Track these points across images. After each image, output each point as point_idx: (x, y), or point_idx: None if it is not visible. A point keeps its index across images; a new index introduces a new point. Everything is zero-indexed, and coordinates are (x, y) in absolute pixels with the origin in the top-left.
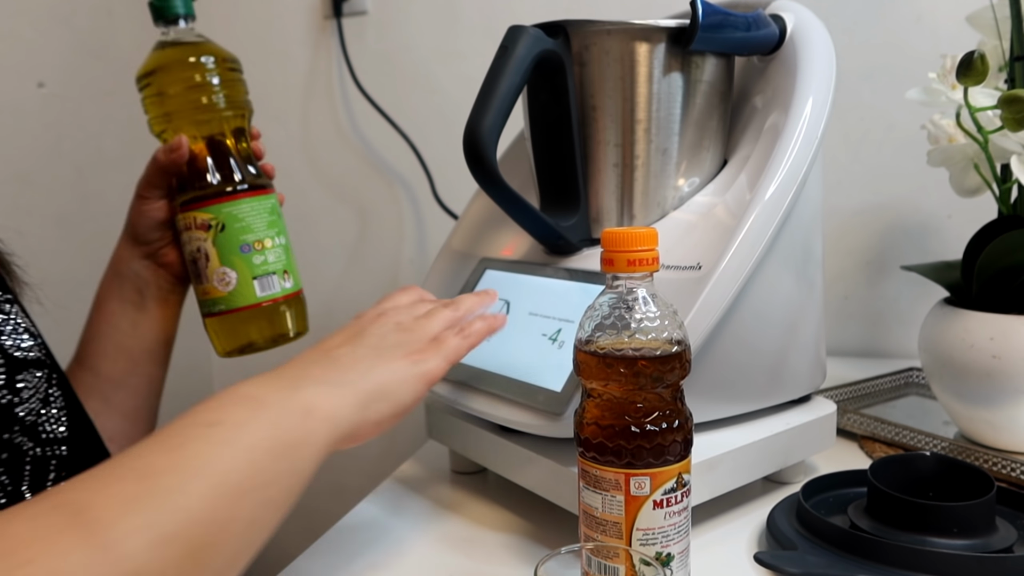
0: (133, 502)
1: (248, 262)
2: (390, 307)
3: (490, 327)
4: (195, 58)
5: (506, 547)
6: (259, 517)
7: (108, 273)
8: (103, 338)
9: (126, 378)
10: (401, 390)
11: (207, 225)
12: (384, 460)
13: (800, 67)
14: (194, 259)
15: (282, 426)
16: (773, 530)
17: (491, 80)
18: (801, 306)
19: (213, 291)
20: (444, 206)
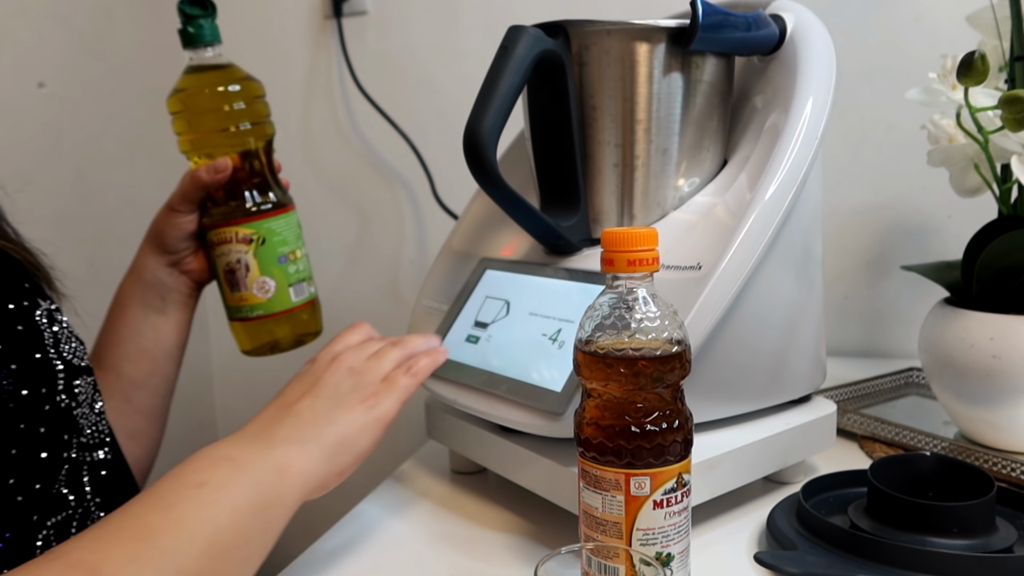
0: (137, 561)
1: (284, 272)
2: (341, 349)
3: (434, 363)
4: (228, 83)
5: (506, 547)
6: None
7: (130, 280)
8: (125, 342)
9: (147, 379)
10: (361, 437)
11: (249, 239)
12: (384, 460)
13: (800, 67)
14: (232, 269)
15: (260, 486)
16: (773, 530)
17: (491, 80)
18: (801, 306)
19: (252, 298)
20: (444, 206)
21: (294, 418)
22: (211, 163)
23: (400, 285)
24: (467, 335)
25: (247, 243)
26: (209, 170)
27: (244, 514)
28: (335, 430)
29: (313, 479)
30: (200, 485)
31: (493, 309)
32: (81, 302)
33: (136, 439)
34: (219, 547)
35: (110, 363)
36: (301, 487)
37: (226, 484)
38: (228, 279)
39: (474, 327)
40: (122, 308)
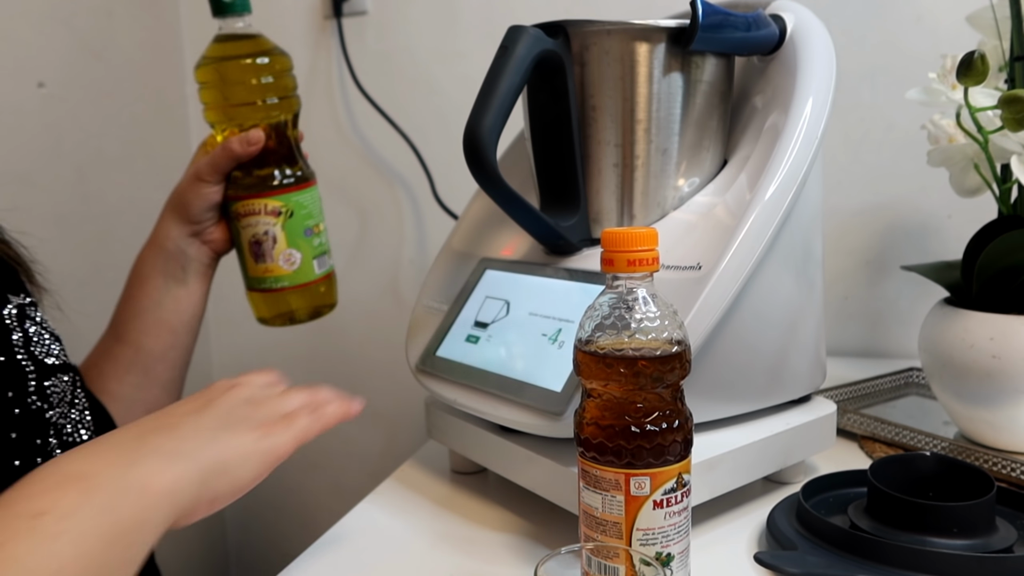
0: None
1: (310, 244)
2: (244, 382)
3: (345, 413)
4: (261, 51)
5: (506, 547)
6: None
7: (151, 250)
8: (146, 314)
9: (167, 351)
10: (243, 466)
11: (278, 212)
12: (384, 460)
13: (800, 67)
14: (259, 241)
15: (116, 510)
16: (773, 530)
17: (491, 80)
18: (801, 306)
19: (277, 270)
20: (444, 206)
21: (171, 431)
22: (244, 135)
23: (400, 285)
24: (467, 335)
25: (275, 215)
26: (242, 141)
27: (96, 545)
28: (215, 450)
29: (182, 500)
30: (39, 515)
31: (493, 309)
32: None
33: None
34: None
35: (129, 337)
36: (168, 508)
37: (72, 512)
38: (253, 250)
39: (474, 327)
40: (142, 280)
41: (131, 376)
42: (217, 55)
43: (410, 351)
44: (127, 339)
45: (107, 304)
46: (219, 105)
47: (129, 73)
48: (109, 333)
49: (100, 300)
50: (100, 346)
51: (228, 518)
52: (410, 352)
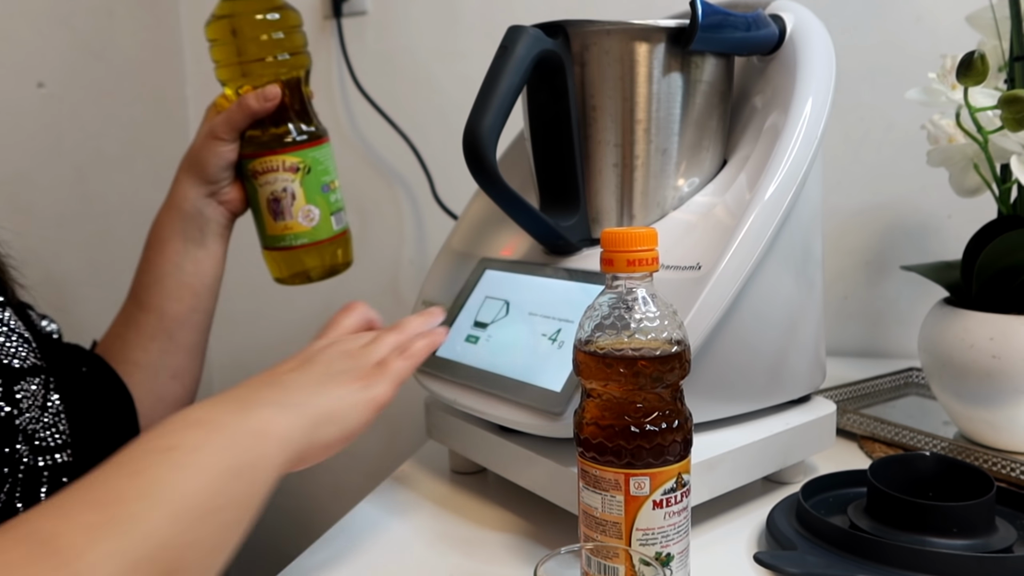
0: (99, 530)
1: (327, 200)
2: (338, 336)
3: (432, 344)
4: (270, 7)
5: (506, 547)
6: (218, 540)
7: (169, 214)
8: (167, 278)
9: (190, 315)
10: (350, 415)
11: (296, 168)
12: (384, 460)
13: (800, 67)
14: (277, 198)
15: (236, 448)
16: (773, 530)
17: (491, 80)
18: (801, 306)
19: (297, 226)
20: (444, 206)
21: (280, 385)
22: (260, 90)
23: (400, 285)
24: (467, 335)
25: (294, 172)
26: (259, 97)
27: (220, 476)
28: (322, 401)
29: (295, 446)
30: (170, 449)
31: (493, 309)
32: (81, 302)
33: (179, 378)
34: (193, 511)
35: (152, 303)
36: (282, 452)
37: (199, 447)
38: (272, 208)
39: (474, 327)
40: (162, 244)
41: (155, 343)
42: (227, 12)
43: None
44: (149, 305)
45: (107, 303)
46: (231, 62)
47: (129, 73)
48: (130, 301)
49: (100, 300)
50: (121, 316)
51: None
52: None
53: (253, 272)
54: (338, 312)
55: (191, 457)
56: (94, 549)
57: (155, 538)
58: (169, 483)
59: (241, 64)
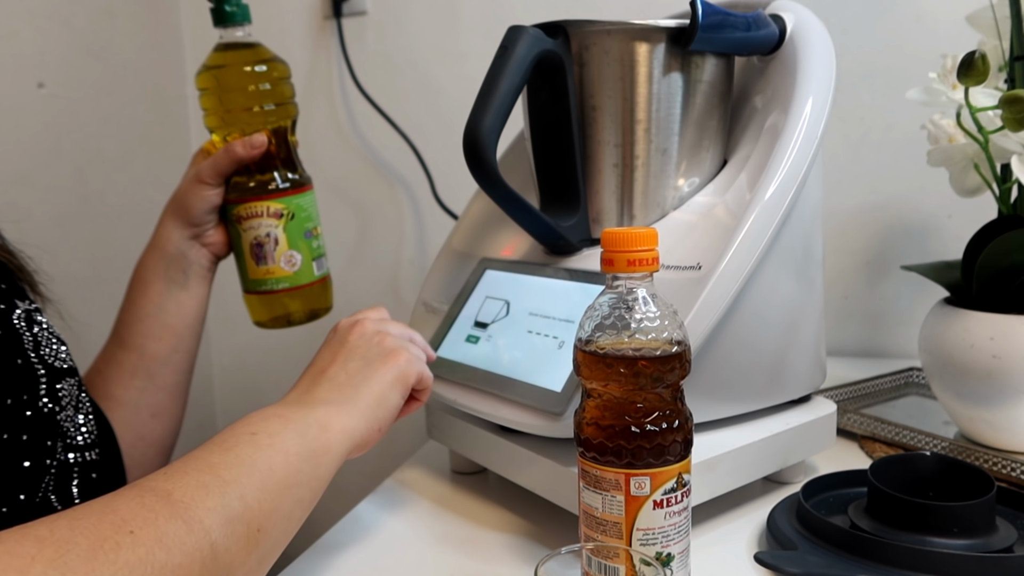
0: (206, 488)
1: (309, 246)
2: (363, 316)
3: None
4: (260, 60)
5: (506, 547)
6: (293, 511)
7: (153, 255)
8: (149, 319)
9: (170, 355)
10: (392, 394)
11: (280, 214)
12: (384, 460)
13: (800, 67)
14: (260, 243)
15: (307, 436)
16: (773, 530)
17: (491, 80)
18: (801, 306)
19: (279, 271)
20: (444, 206)
21: (330, 382)
22: (247, 138)
23: (400, 285)
24: (467, 335)
25: (278, 218)
26: (246, 145)
27: (294, 458)
28: (369, 388)
29: (356, 435)
30: (254, 434)
31: (493, 309)
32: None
33: (159, 417)
34: (274, 484)
35: (133, 341)
36: (345, 441)
37: (277, 433)
38: (255, 252)
39: (474, 327)
40: (144, 284)
41: (136, 381)
42: (216, 63)
43: None
44: (130, 344)
45: (106, 304)
46: (218, 111)
47: (129, 73)
48: (112, 339)
49: (100, 300)
50: (104, 353)
51: None
52: None
53: None
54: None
55: (271, 440)
56: (202, 503)
57: (247, 501)
58: (256, 459)
59: (229, 113)
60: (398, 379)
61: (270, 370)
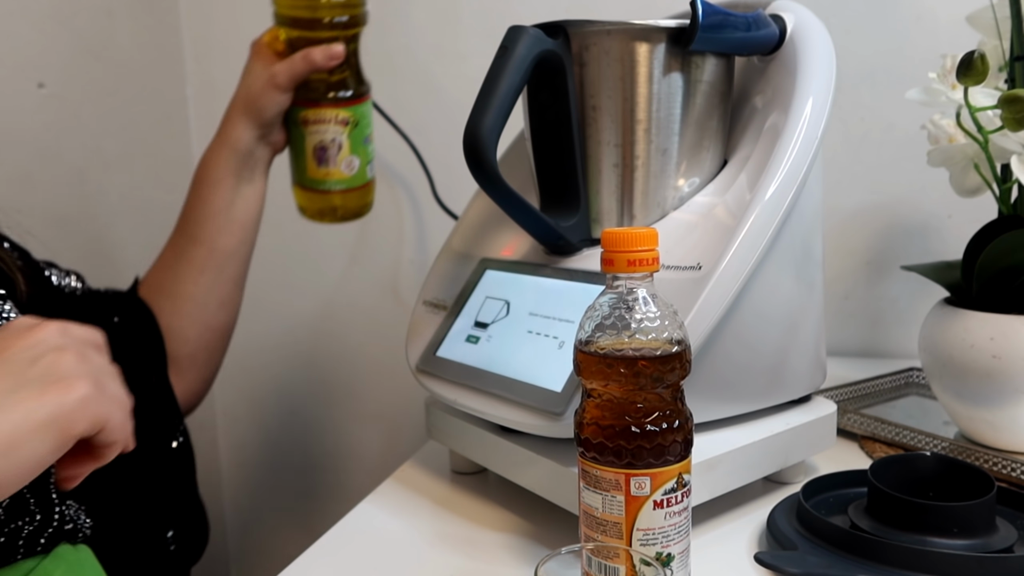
0: None
1: (366, 151)
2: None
3: None
4: None
5: (506, 547)
6: None
7: (223, 153)
8: (219, 215)
9: (238, 248)
10: (35, 441)
11: (346, 121)
12: (384, 460)
13: (800, 67)
14: (324, 147)
15: None
16: (773, 530)
17: (491, 80)
18: (801, 306)
19: (338, 174)
20: (444, 206)
21: None
22: (327, 48)
23: (400, 285)
24: (467, 335)
25: (344, 125)
26: (324, 54)
27: None
28: None
29: None
30: None
31: (493, 309)
32: None
33: (225, 307)
34: None
35: (204, 237)
36: None
37: None
38: (318, 155)
39: (474, 327)
40: (215, 182)
41: (206, 275)
42: None
43: (410, 351)
44: (201, 239)
45: None
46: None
47: (129, 73)
48: (181, 236)
49: None
50: (172, 250)
51: (228, 518)
52: (410, 352)
53: (253, 273)
54: None
55: None
56: None
57: None
58: None
59: (307, 12)
60: (53, 421)
61: (270, 370)
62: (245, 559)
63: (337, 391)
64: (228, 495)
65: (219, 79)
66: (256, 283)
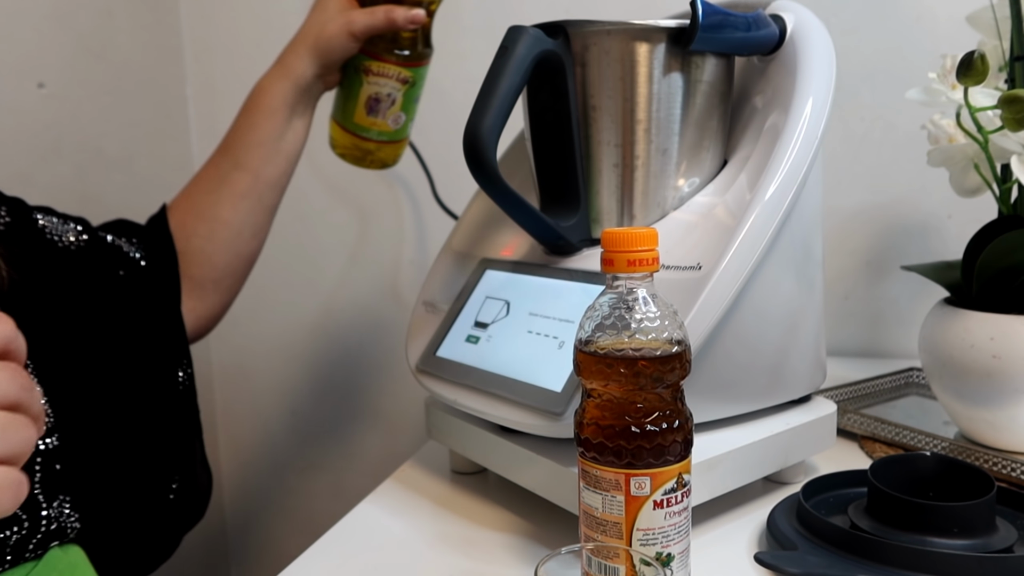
0: None
1: (413, 111)
2: None
3: None
4: None
5: (506, 547)
6: None
7: (282, 84)
8: (269, 144)
9: (279, 179)
10: None
11: (406, 80)
12: (384, 460)
13: (800, 67)
14: (377, 98)
15: None
16: (773, 530)
17: (491, 80)
18: (801, 306)
19: (383, 126)
20: (444, 206)
21: None
22: (410, 12)
23: (400, 285)
24: (467, 335)
25: (403, 83)
26: (407, 18)
27: None
28: None
29: None
30: None
31: (493, 309)
32: None
33: (257, 236)
34: None
35: (250, 165)
36: None
37: None
38: (370, 104)
39: (474, 327)
40: (271, 112)
41: (245, 202)
42: None
43: (410, 351)
44: (247, 166)
45: None
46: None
47: (129, 73)
48: (226, 161)
49: None
50: (214, 173)
51: (228, 518)
52: (410, 352)
53: (254, 272)
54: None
55: None
56: None
57: None
58: None
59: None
60: None
61: (270, 370)
62: (245, 559)
63: (337, 391)
64: (228, 495)
65: (219, 79)
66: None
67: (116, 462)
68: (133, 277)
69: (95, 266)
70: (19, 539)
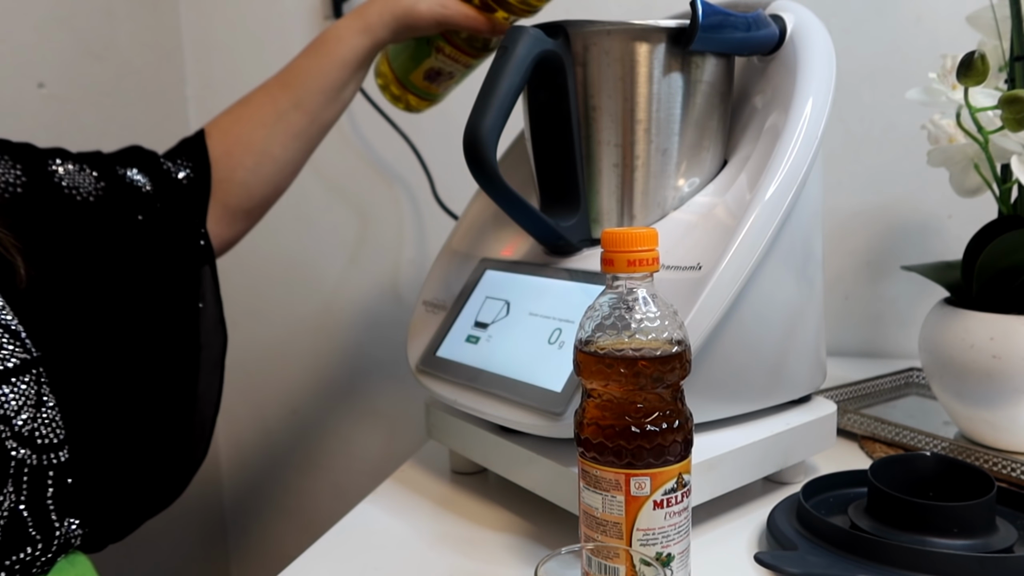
0: None
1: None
2: None
3: None
4: None
5: (506, 547)
6: None
7: (361, 40)
8: (333, 90)
9: (332, 123)
10: None
11: (469, 65)
12: (384, 460)
13: (800, 67)
14: (439, 72)
15: None
16: (773, 530)
17: (491, 80)
18: (801, 306)
19: (434, 90)
20: (444, 206)
21: None
22: (494, 23)
23: (400, 285)
24: (467, 335)
25: (466, 67)
26: (488, 27)
27: None
28: None
29: None
30: None
31: (493, 309)
32: None
33: (297, 172)
34: None
35: (312, 108)
36: None
37: None
38: (430, 74)
39: (474, 327)
40: (344, 63)
41: (297, 142)
42: None
43: (410, 351)
44: (308, 109)
45: None
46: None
47: (129, 73)
48: (284, 98)
49: None
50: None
51: (228, 518)
52: (410, 352)
53: (254, 272)
54: None
55: None
56: None
57: None
58: None
59: None
60: None
61: (270, 371)
62: (245, 559)
63: (337, 391)
64: (228, 495)
65: (219, 79)
66: (256, 283)
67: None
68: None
69: (113, 218)
70: (30, 559)
